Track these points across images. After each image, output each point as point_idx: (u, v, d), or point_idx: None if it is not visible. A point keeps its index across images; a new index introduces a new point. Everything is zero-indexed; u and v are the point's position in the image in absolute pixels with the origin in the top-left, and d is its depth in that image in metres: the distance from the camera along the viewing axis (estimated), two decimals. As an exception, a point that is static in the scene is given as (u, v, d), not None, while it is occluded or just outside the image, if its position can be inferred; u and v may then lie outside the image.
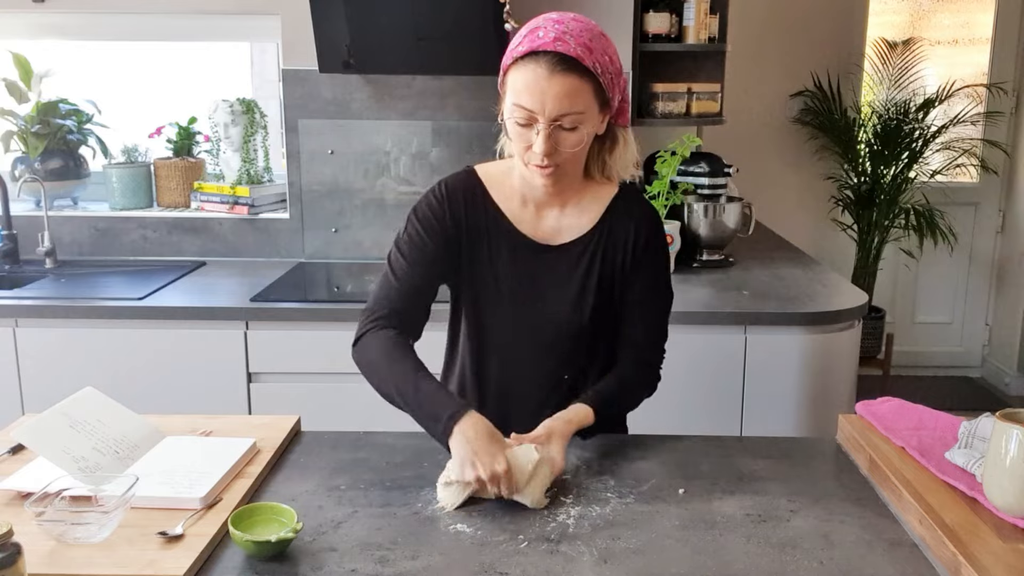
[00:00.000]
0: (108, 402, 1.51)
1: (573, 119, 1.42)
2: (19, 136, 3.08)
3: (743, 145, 4.11)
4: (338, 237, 3.02)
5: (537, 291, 1.57)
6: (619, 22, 2.88)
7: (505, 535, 1.26)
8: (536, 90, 1.40)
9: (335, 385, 2.46)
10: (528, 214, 1.58)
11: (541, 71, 1.39)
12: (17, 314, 2.48)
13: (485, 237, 1.57)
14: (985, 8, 4.49)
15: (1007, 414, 1.21)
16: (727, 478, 1.44)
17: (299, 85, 2.91)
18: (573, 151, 1.47)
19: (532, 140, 1.44)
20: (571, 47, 1.39)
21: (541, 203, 1.58)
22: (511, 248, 1.57)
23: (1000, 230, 4.65)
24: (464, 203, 1.57)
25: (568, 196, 1.58)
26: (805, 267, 2.94)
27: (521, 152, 1.48)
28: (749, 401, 2.45)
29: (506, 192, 1.58)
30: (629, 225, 1.58)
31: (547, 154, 1.44)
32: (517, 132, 1.45)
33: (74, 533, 1.18)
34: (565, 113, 1.41)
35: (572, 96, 1.41)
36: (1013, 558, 1.12)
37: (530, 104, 1.41)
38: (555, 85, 1.39)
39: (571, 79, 1.40)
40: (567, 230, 1.58)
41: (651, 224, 1.60)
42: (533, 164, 1.47)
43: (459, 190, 1.58)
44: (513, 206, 1.58)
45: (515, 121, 1.44)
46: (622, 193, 1.60)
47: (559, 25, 1.41)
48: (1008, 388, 4.53)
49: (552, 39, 1.39)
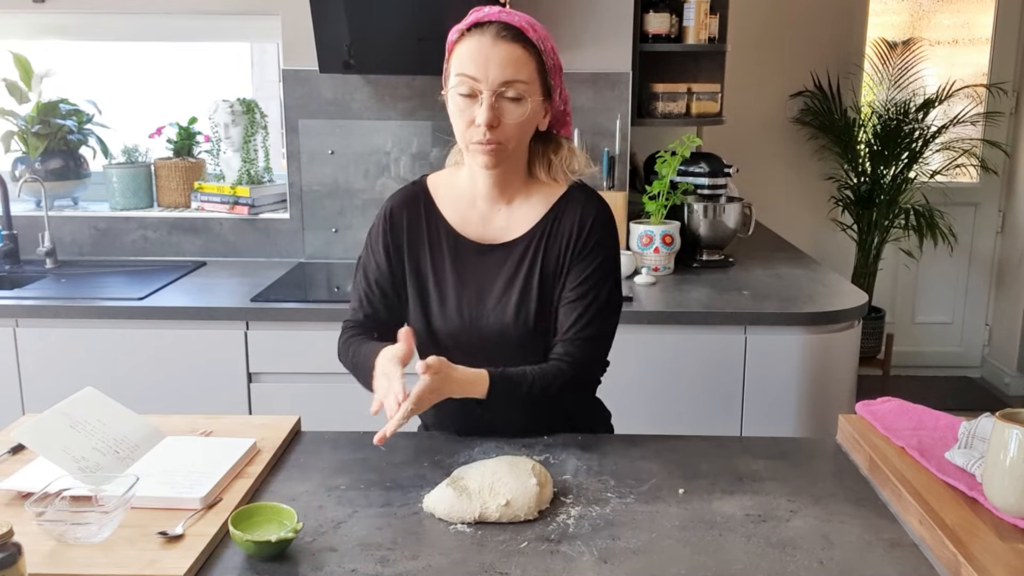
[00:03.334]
0: (108, 402, 1.51)
1: (517, 88, 1.44)
2: (19, 136, 3.09)
3: (743, 145, 4.12)
4: (338, 237, 3.03)
5: (480, 293, 1.57)
6: (619, 22, 2.88)
7: (505, 535, 1.26)
8: (480, 57, 1.43)
9: (335, 385, 2.46)
10: (475, 215, 1.59)
11: (486, 39, 1.44)
12: (17, 314, 2.48)
13: (427, 245, 1.60)
14: (985, 8, 4.49)
15: (1007, 414, 1.21)
16: (727, 478, 1.44)
17: (299, 85, 2.91)
18: (516, 124, 1.46)
19: (475, 114, 1.45)
20: (515, 19, 1.46)
21: (489, 199, 1.58)
22: (453, 252, 1.59)
23: (1000, 230, 4.65)
24: (406, 216, 1.61)
25: (514, 193, 1.58)
26: (805, 267, 2.94)
27: (464, 130, 1.48)
28: (749, 401, 2.45)
29: (452, 197, 1.61)
30: (574, 219, 1.56)
31: (490, 124, 1.44)
32: (460, 106, 1.46)
33: (74, 533, 1.18)
34: (509, 80, 1.43)
35: (516, 64, 1.44)
36: (1013, 558, 1.12)
37: (474, 71, 1.43)
38: (499, 52, 1.43)
39: (515, 48, 1.44)
40: (513, 227, 1.58)
41: (596, 218, 1.56)
42: (475, 141, 1.46)
43: (402, 204, 1.63)
44: (460, 208, 1.60)
45: (458, 93, 1.45)
46: (571, 191, 1.59)
47: (503, 8, 1.49)
48: (1008, 388, 4.53)
49: (497, 12, 1.46)
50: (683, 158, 2.79)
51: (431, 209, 1.61)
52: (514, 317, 1.56)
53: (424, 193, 1.63)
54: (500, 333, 1.57)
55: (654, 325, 2.41)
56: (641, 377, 2.43)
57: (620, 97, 2.90)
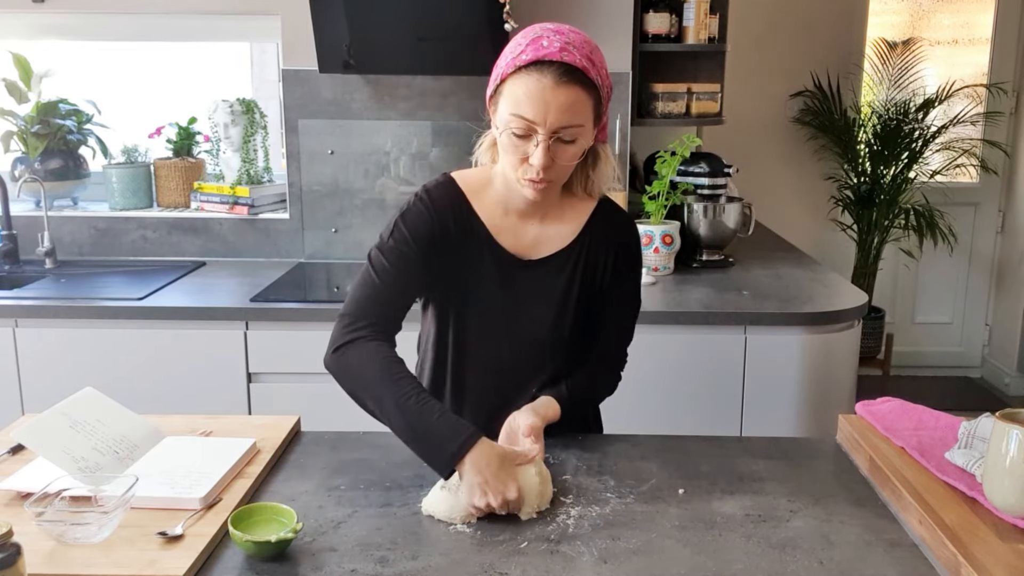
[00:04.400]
0: (108, 402, 1.51)
1: (573, 132, 1.39)
2: (19, 136, 3.08)
3: (743, 145, 4.12)
4: (338, 237, 3.02)
5: (516, 304, 1.56)
6: (619, 22, 2.88)
7: (505, 535, 1.26)
8: (540, 101, 1.36)
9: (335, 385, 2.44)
10: (509, 224, 1.55)
11: (547, 81, 1.36)
12: (17, 314, 2.48)
13: (466, 248, 1.53)
14: (985, 8, 4.49)
15: (1007, 414, 1.21)
16: (727, 478, 1.44)
17: (299, 85, 2.91)
18: (569, 164, 1.44)
19: (528, 152, 1.40)
20: (577, 58, 1.37)
21: (523, 213, 1.55)
22: (491, 260, 1.54)
23: (1000, 230, 4.65)
24: (452, 213, 1.52)
25: (549, 209, 1.55)
26: (805, 267, 2.94)
27: (515, 164, 1.43)
28: (749, 401, 2.45)
29: (486, 202, 1.54)
30: (611, 238, 1.57)
31: (545, 167, 1.40)
32: (513, 144, 1.41)
33: (74, 533, 1.18)
34: (566, 125, 1.38)
35: (575, 108, 1.38)
36: (1013, 558, 1.12)
37: (532, 115, 1.37)
38: (560, 96, 1.36)
39: (575, 91, 1.38)
40: (547, 243, 1.56)
41: (631, 238, 1.61)
42: (527, 178, 1.43)
43: (446, 199, 1.53)
44: (494, 216, 1.54)
45: (512, 132, 1.40)
46: (601, 207, 1.59)
47: (561, 36, 1.39)
48: (1008, 388, 4.53)
49: (558, 49, 1.36)
50: (683, 158, 2.79)
51: (471, 212, 1.54)
52: (550, 331, 1.56)
53: (460, 193, 1.54)
54: (532, 344, 1.57)
55: (654, 325, 2.40)
56: (641, 377, 2.42)
57: (620, 97, 2.90)
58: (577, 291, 1.56)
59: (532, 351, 1.58)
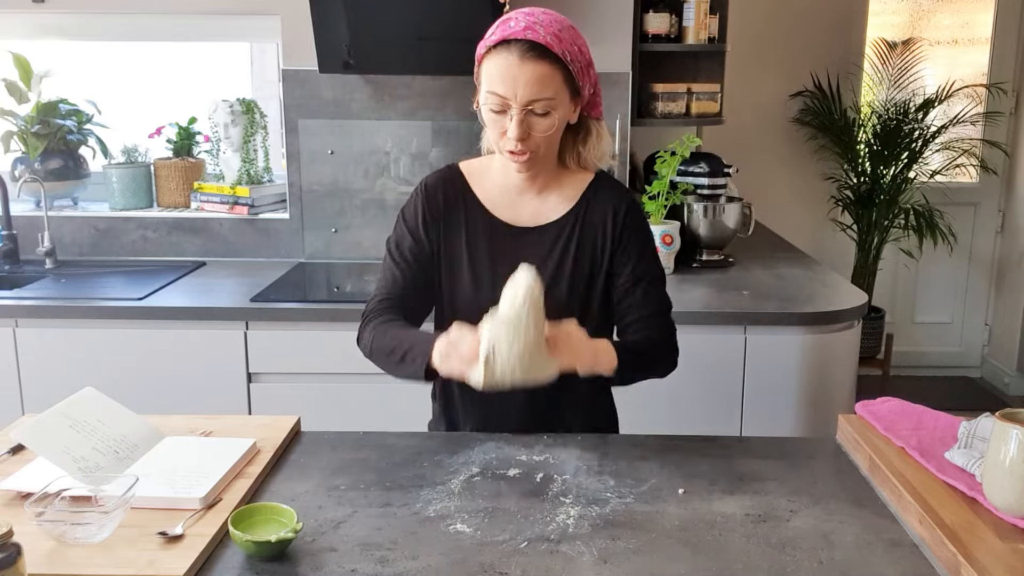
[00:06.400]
0: (108, 402, 1.51)
1: (544, 104, 1.49)
2: (19, 136, 3.08)
3: (743, 145, 4.11)
4: (338, 237, 3.02)
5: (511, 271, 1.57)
6: (619, 22, 2.88)
7: (505, 535, 1.26)
8: (508, 77, 1.47)
9: (335, 385, 2.46)
10: (508, 200, 1.64)
11: (513, 58, 1.47)
12: (17, 314, 2.48)
13: (463, 225, 1.64)
14: (985, 8, 4.49)
15: (1007, 414, 1.21)
16: (727, 478, 1.44)
17: (299, 85, 2.91)
18: (545, 135, 1.52)
19: (506, 126, 1.51)
20: (540, 35, 1.47)
21: (520, 189, 1.63)
22: (488, 233, 1.63)
23: (1000, 230, 4.65)
24: (444, 196, 1.65)
25: (545, 182, 1.64)
26: (805, 267, 2.94)
27: (496, 139, 1.55)
28: (749, 401, 2.45)
29: (486, 182, 1.66)
30: (607, 207, 1.62)
31: (520, 139, 1.50)
32: (492, 119, 1.52)
33: (74, 533, 1.18)
34: (536, 98, 1.48)
35: (542, 82, 1.47)
36: (1013, 558, 1.12)
37: (503, 91, 1.48)
38: (526, 72, 1.46)
39: (541, 66, 1.47)
40: (545, 213, 1.64)
41: (630, 204, 1.64)
42: (507, 150, 1.53)
43: (439, 184, 1.66)
44: (493, 195, 1.65)
45: (489, 108, 1.51)
46: (598, 178, 1.66)
47: (530, 17, 1.49)
48: (1008, 388, 4.53)
49: (523, 28, 1.47)
50: (683, 158, 2.79)
51: (467, 190, 1.66)
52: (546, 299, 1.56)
53: (459, 175, 1.67)
54: None
55: (654, 325, 2.40)
56: (641, 377, 2.42)
57: (620, 97, 2.90)
58: (572, 259, 1.60)
59: None
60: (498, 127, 1.52)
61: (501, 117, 1.51)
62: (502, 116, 1.51)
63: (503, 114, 1.50)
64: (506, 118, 1.50)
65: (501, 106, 1.49)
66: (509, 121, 1.50)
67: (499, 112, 1.50)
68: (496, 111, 1.50)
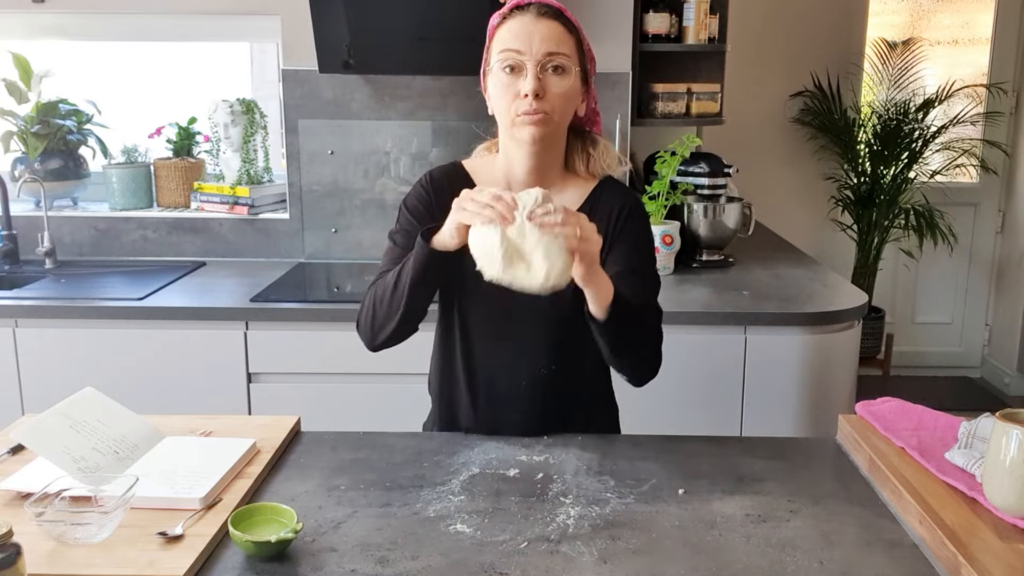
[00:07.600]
0: (108, 402, 1.51)
1: (560, 59, 1.47)
2: (19, 136, 3.08)
3: (743, 145, 4.12)
4: (338, 237, 3.02)
5: None
6: (619, 22, 2.88)
7: (505, 535, 1.26)
8: (524, 33, 1.47)
9: (335, 385, 2.46)
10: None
11: (528, 17, 1.48)
12: (17, 314, 2.48)
13: None
14: (985, 8, 4.49)
15: (1007, 414, 1.21)
16: (727, 478, 1.44)
17: (299, 85, 2.91)
18: (561, 94, 1.48)
19: (519, 87, 1.47)
20: (554, 3, 1.51)
21: (525, 185, 1.57)
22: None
23: (1000, 230, 4.65)
24: (448, 189, 1.58)
25: (550, 183, 1.59)
26: (805, 267, 2.94)
27: (509, 104, 1.49)
28: (749, 401, 2.45)
29: (488, 179, 1.62)
30: (612, 205, 1.60)
31: (536, 93, 1.46)
32: (505, 81, 1.48)
33: (74, 533, 1.18)
34: (552, 52, 1.47)
35: (558, 38, 1.48)
36: (1013, 558, 1.12)
37: (518, 45, 1.46)
38: (542, 27, 1.47)
39: (556, 24, 1.48)
40: None
41: (635, 204, 1.63)
42: (522, 112, 1.47)
43: (443, 177, 1.63)
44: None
45: (502, 67, 1.48)
46: (604, 182, 1.64)
47: None
48: (1008, 388, 4.53)
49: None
50: (683, 158, 2.79)
51: (471, 185, 1.61)
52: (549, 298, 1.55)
53: (463, 171, 1.65)
54: (532, 312, 1.56)
55: (654, 325, 2.41)
56: (641, 377, 2.42)
57: (620, 97, 2.90)
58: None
59: (531, 320, 1.58)
60: (511, 90, 1.48)
61: (515, 79, 1.47)
62: (516, 76, 1.47)
63: (517, 74, 1.47)
64: (520, 78, 1.47)
65: (516, 63, 1.46)
66: (524, 80, 1.46)
67: (513, 71, 1.47)
68: (511, 68, 1.47)
